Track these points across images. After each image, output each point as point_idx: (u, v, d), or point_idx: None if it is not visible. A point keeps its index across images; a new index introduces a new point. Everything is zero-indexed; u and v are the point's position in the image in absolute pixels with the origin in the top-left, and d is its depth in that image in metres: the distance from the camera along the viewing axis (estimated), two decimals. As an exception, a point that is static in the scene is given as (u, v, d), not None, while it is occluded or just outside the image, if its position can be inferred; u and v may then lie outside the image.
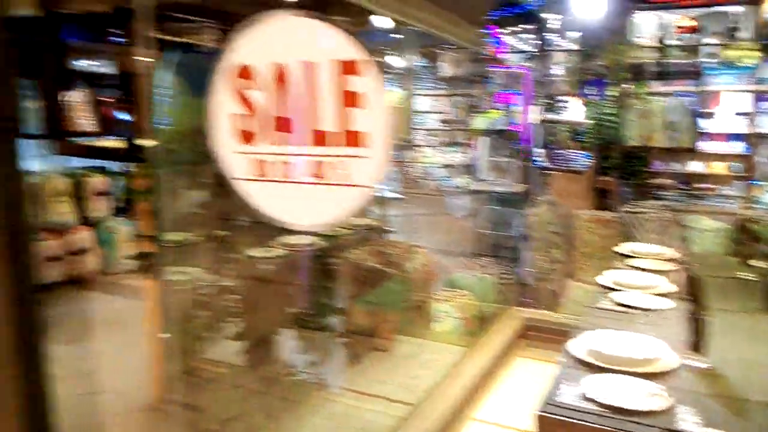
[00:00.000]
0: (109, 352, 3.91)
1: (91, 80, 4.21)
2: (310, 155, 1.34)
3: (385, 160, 1.26)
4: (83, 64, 4.05)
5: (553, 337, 4.19)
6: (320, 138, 1.32)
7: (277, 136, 1.37)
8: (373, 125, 1.27)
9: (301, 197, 1.36)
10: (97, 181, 5.28)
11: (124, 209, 5.64)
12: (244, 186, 1.43)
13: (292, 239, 3.47)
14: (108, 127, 3.56)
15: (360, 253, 3.64)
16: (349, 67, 1.27)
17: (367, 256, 3.59)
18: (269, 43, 1.35)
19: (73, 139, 3.64)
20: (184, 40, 2.66)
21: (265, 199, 1.41)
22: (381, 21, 3.68)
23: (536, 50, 6.43)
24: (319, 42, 1.29)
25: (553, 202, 4.48)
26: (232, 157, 1.42)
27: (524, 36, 6.60)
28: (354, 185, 1.30)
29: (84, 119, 3.61)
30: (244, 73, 1.37)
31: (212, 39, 2.74)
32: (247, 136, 1.40)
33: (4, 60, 1.83)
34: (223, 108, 1.41)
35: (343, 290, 3.73)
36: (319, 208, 1.35)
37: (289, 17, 1.35)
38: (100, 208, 5.34)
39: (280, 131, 1.36)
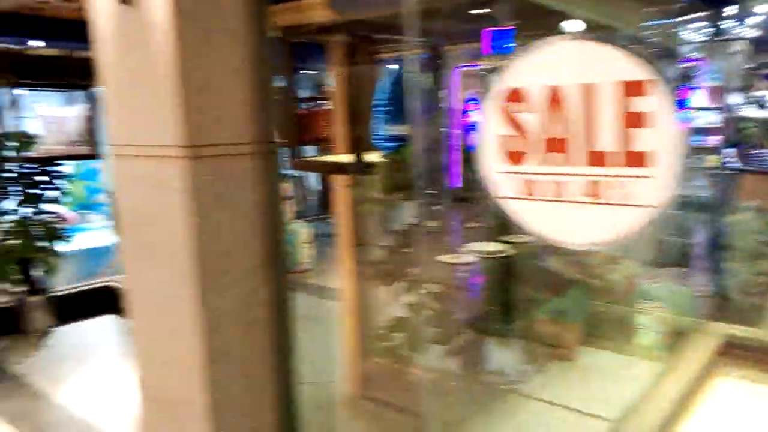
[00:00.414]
0: (304, 346, 4.23)
1: (315, 96, 4.64)
2: (585, 175, 1.36)
3: (674, 180, 1.25)
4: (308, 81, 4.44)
5: (760, 356, 3.82)
6: (597, 158, 1.33)
7: (548, 156, 1.40)
8: (659, 144, 1.26)
9: (573, 216, 1.39)
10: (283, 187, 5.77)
11: (302, 213, 6.08)
12: (509, 205, 1.48)
13: (482, 246, 3.52)
14: (328, 142, 3.90)
15: (550, 260, 3.60)
16: (632, 88, 1.27)
17: (558, 264, 3.54)
18: (543, 66, 1.39)
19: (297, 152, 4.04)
20: (401, 56, 2.83)
21: (534, 217, 1.45)
22: (572, 25, 3.59)
23: (722, 40, 5.89)
24: (600, 64, 1.31)
25: (761, 208, 4.08)
26: (498, 177, 1.48)
27: (703, 24, 6.06)
28: (635, 205, 1.30)
29: (308, 135, 3.98)
30: (515, 96, 1.43)
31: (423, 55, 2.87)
32: (515, 157, 1.45)
33: (269, 90, 2.08)
34: (491, 129, 1.47)
35: (530, 297, 3.71)
36: (595, 227, 1.36)
37: (564, 41, 1.38)
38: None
39: (551, 152, 1.40)
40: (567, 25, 3.57)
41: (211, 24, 1.87)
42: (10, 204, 4.73)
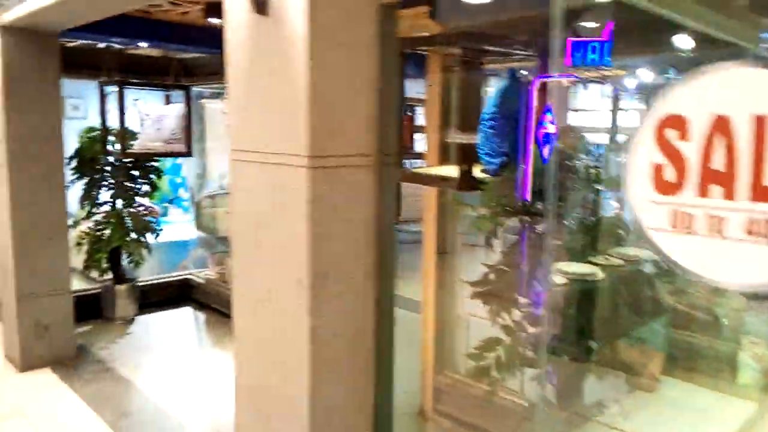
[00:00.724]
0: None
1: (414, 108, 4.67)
2: (750, 211, 1.27)
3: None
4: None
5: None
6: (766, 194, 1.25)
7: (708, 189, 1.32)
8: (843, 185, 1.17)
9: (731, 254, 1.30)
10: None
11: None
12: (657, 236, 1.41)
13: (569, 267, 3.41)
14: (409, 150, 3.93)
15: (642, 286, 3.45)
16: (817, 122, 1.18)
17: (652, 290, 3.39)
18: (710, 93, 1.32)
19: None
20: (503, 68, 2.80)
21: (685, 251, 1.37)
22: (680, 41, 3.44)
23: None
24: (778, 94, 1.23)
25: None
26: (648, 206, 1.41)
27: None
28: (808, 247, 1.21)
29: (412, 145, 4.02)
30: (674, 122, 1.36)
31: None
32: (669, 187, 1.38)
33: (391, 102, 2.08)
34: (644, 156, 1.41)
35: (617, 323, 3.57)
36: (756, 267, 1.28)
37: (736, 67, 1.30)
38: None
39: (712, 184, 1.32)
40: (678, 40, 3.42)
41: (343, 36, 1.88)
42: (106, 196, 4.96)
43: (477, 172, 2.61)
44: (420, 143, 4.86)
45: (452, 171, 2.53)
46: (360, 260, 2.06)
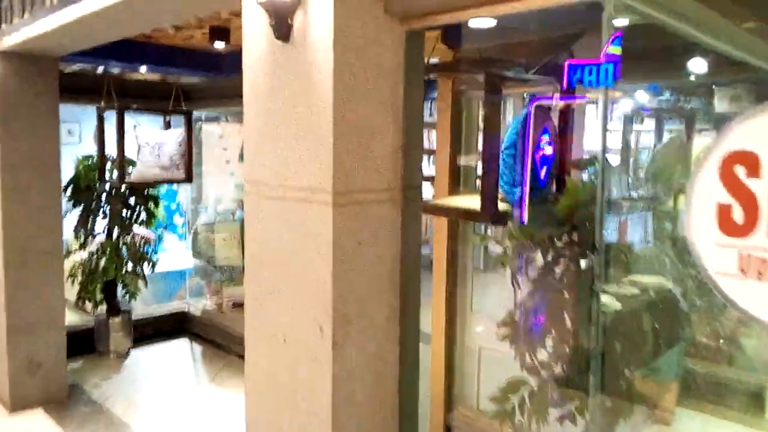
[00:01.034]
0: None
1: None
2: (832, 256, 1.17)
3: None
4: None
5: None
6: None
7: (783, 230, 1.22)
8: None
9: (813, 302, 1.19)
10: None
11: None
12: (723, 281, 1.30)
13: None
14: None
15: (663, 317, 3.33)
16: None
17: (672, 321, 3.27)
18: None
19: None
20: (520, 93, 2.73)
21: (756, 298, 1.26)
22: (695, 65, 3.39)
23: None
24: None
25: None
26: (712, 249, 1.31)
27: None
28: None
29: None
30: (743, 159, 1.26)
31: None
32: (738, 228, 1.27)
33: (416, 133, 1.97)
34: (707, 195, 1.30)
35: (631, 354, 3.45)
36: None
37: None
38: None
39: (788, 225, 1.21)
40: (692, 64, 3.35)
41: (369, 62, 1.78)
42: (102, 225, 4.79)
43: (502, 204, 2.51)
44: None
45: (474, 202, 2.42)
46: (383, 298, 1.93)
